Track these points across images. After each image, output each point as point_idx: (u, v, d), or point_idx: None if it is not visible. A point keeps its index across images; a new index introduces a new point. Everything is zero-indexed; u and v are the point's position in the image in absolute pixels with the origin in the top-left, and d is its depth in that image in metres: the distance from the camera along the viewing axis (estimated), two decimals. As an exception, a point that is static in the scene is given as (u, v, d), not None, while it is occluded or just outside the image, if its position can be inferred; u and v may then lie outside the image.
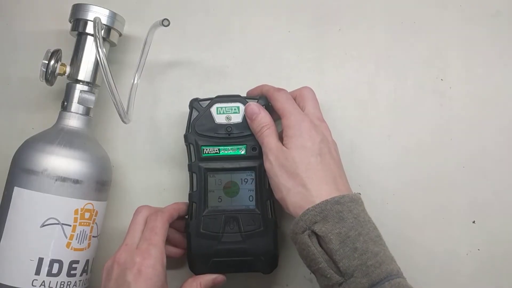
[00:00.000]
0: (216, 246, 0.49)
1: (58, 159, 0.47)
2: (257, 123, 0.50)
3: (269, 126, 0.49)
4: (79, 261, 0.48)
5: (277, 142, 0.48)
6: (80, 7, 0.52)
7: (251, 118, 0.50)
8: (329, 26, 0.58)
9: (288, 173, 0.46)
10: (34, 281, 0.46)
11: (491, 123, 0.56)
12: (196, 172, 0.51)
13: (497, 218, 0.54)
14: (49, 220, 0.46)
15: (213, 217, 0.50)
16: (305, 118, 0.48)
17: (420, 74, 0.57)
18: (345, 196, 0.44)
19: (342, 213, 0.43)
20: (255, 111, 0.50)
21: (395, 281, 0.41)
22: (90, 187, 0.49)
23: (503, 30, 0.57)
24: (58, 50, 0.52)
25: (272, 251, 0.50)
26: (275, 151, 0.47)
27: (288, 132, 0.48)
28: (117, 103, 0.48)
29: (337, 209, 0.43)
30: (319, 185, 0.45)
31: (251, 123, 0.50)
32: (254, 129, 0.50)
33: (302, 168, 0.45)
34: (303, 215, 0.44)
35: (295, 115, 0.48)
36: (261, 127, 0.49)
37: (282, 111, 0.49)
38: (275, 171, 0.46)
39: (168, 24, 0.50)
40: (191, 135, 0.51)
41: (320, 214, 0.43)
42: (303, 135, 0.47)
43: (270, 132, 0.49)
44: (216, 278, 0.49)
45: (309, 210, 0.43)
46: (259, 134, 0.49)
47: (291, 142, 0.47)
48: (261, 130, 0.49)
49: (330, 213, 0.43)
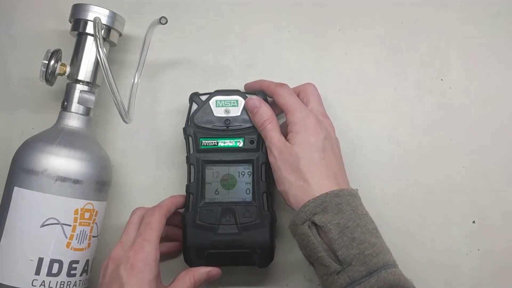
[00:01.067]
0: (212, 238, 0.49)
1: (58, 159, 0.47)
2: (259, 117, 0.50)
3: (271, 119, 0.50)
4: (79, 261, 0.48)
5: (280, 136, 0.49)
6: (80, 7, 0.52)
7: (253, 112, 0.50)
8: (329, 26, 0.58)
9: (291, 167, 0.47)
10: (34, 281, 0.46)
11: (491, 123, 0.56)
12: (194, 164, 0.51)
13: (497, 218, 0.54)
14: (49, 220, 0.46)
15: (210, 208, 0.50)
16: (310, 114, 0.49)
17: (420, 74, 0.57)
18: (344, 190, 0.45)
19: (341, 205, 0.44)
20: (256, 105, 0.50)
21: (391, 270, 0.42)
22: (90, 187, 0.49)
23: (503, 30, 0.57)
24: (58, 50, 0.52)
25: (268, 244, 0.50)
26: (279, 146, 0.48)
27: (293, 127, 0.48)
28: (118, 103, 0.48)
29: (336, 201, 0.44)
30: (320, 180, 0.46)
31: (253, 117, 0.51)
32: (256, 122, 0.50)
33: (305, 163, 0.46)
34: (303, 206, 0.45)
35: (300, 111, 0.49)
36: (263, 121, 0.50)
37: (287, 107, 0.49)
38: (279, 165, 0.47)
39: (166, 22, 0.50)
40: (190, 127, 0.51)
41: (320, 206, 0.44)
42: (308, 131, 0.47)
43: (272, 126, 0.49)
44: (210, 271, 0.49)
45: (309, 202, 0.45)
46: (261, 128, 0.50)
47: (295, 138, 0.47)
48: (264, 124, 0.49)
49: (330, 205, 0.44)
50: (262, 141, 0.51)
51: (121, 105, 0.48)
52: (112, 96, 0.48)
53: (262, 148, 0.51)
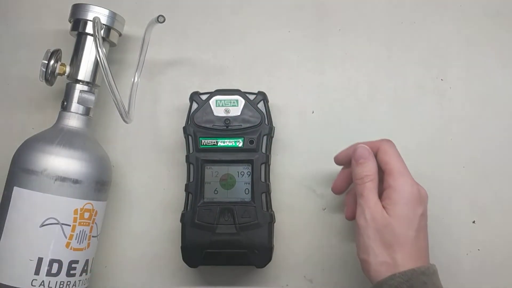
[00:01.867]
0: (210, 237, 0.50)
1: (57, 159, 0.47)
2: (362, 170, 0.46)
3: (373, 178, 0.46)
4: (78, 261, 0.48)
5: (377, 201, 0.45)
6: (80, 7, 0.52)
7: (358, 162, 0.47)
8: (329, 26, 0.58)
9: (382, 241, 0.44)
10: (33, 281, 0.46)
11: (491, 123, 0.56)
12: (193, 163, 0.51)
13: (497, 218, 0.54)
14: (48, 220, 0.46)
15: (208, 208, 0.50)
16: (414, 184, 0.45)
17: (420, 74, 0.57)
18: (429, 268, 0.43)
19: (426, 285, 0.42)
20: (365, 156, 0.47)
21: None
22: (90, 187, 0.49)
23: (503, 30, 0.57)
24: (58, 50, 0.52)
25: (266, 244, 0.50)
26: (374, 212, 0.44)
27: (392, 195, 0.45)
28: (118, 103, 0.48)
29: (422, 280, 0.42)
30: (409, 261, 0.43)
31: (356, 166, 0.47)
32: (356, 174, 0.47)
33: (399, 241, 0.43)
34: (389, 279, 0.42)
35: (404, 178, 0.45)
36: (364, 175, 0.46)
37: (391, 168, 0.46)
38: (369, 233, 0.44)
39: (164, 20, 0.50)
40: (190, 126, 0.51)
41: (406, 283, 0.42)
42: (408, 205, 0.44)
43: (373, 185, 0.46)
44: None
45: (395, 276, 0.42)
46: (360, 182, 0.46)
47: (394, 209, 0.44)
48: (364, 179, 0.46)
49: (416, 282, 0.42)
50: (261, 141, 0.51)
51: (121, 105, 0.48)
52: (112, 96, 0.48)
53: (261, 148, 0.51)
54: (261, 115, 0.52)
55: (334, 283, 0.54)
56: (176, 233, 0.52)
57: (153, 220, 0.55)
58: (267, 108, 0.52)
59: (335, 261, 0.54)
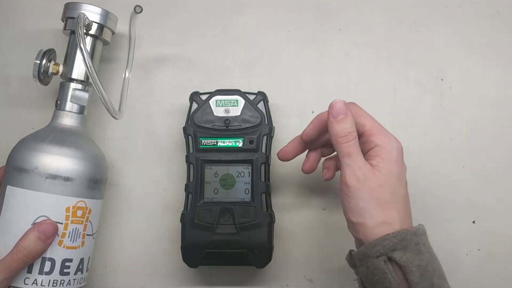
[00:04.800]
0: (210, 237, 0.50)
1: (48, 157, 0.47)
2: (343, 127, 0.43)
3: (355, 135, 0.43)
4: (72, 260, 0.48)
5: (365, 161, 0.43)
6: (72, 6, 0.51)
7: (336, 118, 0.43)
8: (329, 26, 0.58)
9: (377, 201, 0.41)
10: (26, 279, 0.45)
11: (491, 123, 0.56)
12: (193, 163, 0.51)
13: (497, 218, 0.54)
14: (40, 218, 0.46)
15: (208, 208, 0.50)
16: (398, 142, 0.44)
17: (420, 74, 0.57)
18: (420, 228, 0.42)
19: (419, 246, 0.41)
20: (343, 111, 0.43)
21: None
22: (82, 185, 0.48)
23: (503, 30, 0.57)
24: (51, 49, 0.52)
25: (266, 244, 0.50)
26: (365, 171, 0.42)
27: (381, 152, 0.43)
28: (103, 98, 0.47)
29: (415, 240, 0.41)
30: (404, 218, 0.42)
31: (334, 124, 0.43)
32: (337, 132, 0.43)
33: (394, 200, 0.42)
34: (381, 239, 0.41)
35: (388, 135, 0.43)
36: (348, 132, 0.43)
37: (372, 127, 0.44)
38: (362, 194, 0.41)
39: (141, 10, 0.48)
40: (190, 126, 0.52)
41: (401, 243, 0.40)
42: (398, 162, 0.43)
43: (356, 143, 0.43)
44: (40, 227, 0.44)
45: (389, 236, 0.40)
46: (344, 140, 0.43)
47: (385, 167, 0.42)
48: (348, 137, 0.43)
49: (410, 243, 0.41)
50: (261, 141, 0.51)
51: (107, 100, 0.47)
52: (97, 91, 0.47)
53: (261, 148, 0.51)
54: (261, 115, 0.52)
55: (334, 283, 0.54)
56: (176, 233, 0.52)
57: (153, 220, 0.55)
58: (267, 108, 0.52)
59: (335, 261, 0.54)
